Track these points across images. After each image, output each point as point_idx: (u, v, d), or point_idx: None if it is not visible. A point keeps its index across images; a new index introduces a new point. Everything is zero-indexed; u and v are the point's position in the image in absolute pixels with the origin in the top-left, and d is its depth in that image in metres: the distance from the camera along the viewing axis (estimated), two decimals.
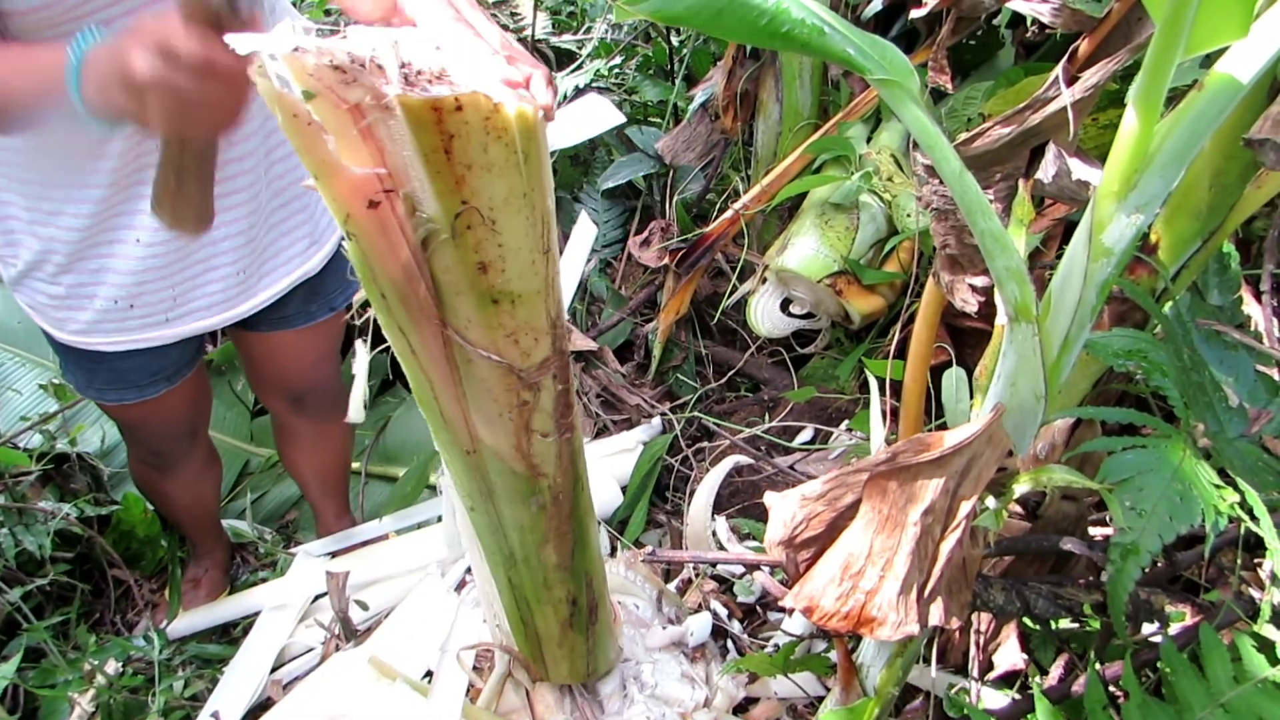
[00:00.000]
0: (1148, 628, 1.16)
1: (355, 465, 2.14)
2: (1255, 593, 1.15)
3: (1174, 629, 1.08)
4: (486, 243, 0.71)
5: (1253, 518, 0.81)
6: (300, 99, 0.63)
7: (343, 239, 0.73)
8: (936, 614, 0.87)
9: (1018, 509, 1.23)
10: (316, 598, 1.82)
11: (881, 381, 1.90)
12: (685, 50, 2.69)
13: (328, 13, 2.98)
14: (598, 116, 1.93)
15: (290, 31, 0.63)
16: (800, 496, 0.93)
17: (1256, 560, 1.24)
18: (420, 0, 0.84)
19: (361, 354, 0.92)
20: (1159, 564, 1.18)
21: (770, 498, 0.95)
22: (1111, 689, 1.10)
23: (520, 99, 0.69)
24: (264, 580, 1.93)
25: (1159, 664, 0.98)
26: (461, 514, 1.06)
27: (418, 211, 0.69)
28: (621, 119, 1.82)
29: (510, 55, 0.79)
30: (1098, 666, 1.05)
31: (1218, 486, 0.81)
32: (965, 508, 0.86)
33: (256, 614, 1.80)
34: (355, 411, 1.11)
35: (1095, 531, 1.35)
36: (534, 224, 0.75)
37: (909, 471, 0.85)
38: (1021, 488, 0.94)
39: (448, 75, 0.66)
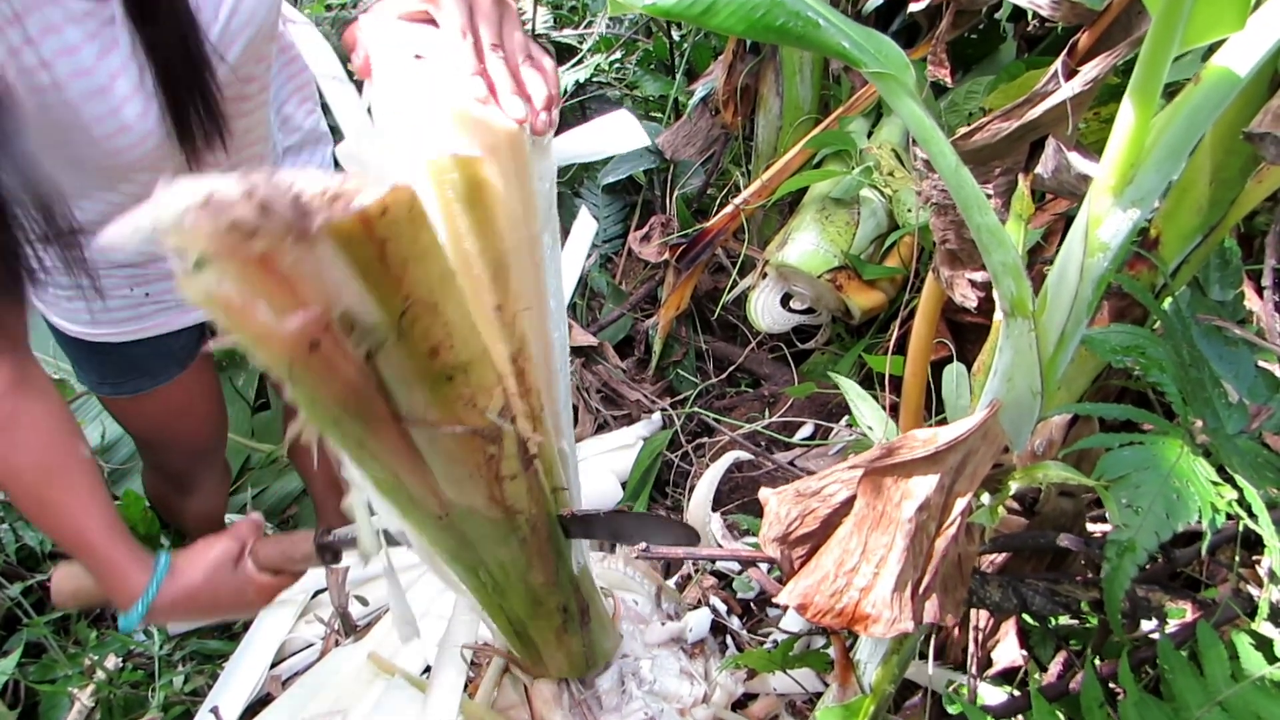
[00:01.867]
0: (1146, 625, 1.15)
1: None
2: (1254, 590, 1.15)
3: (1172, 626, 1.08)
4: (433, 327, 0.68)
5: (1251, 515, 0.80)
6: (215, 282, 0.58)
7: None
8: (931, 611, 0.86)
9: (1014, 505, 1.22)
10: (316, 593, 1.82)
11: (881, 377, 1.90)
12: (686, 45, 2.68)
13: (328, 7, 2.98)
14: (620, 135, 1.94)
15: (176, 195, 0.56)
16: (795, 493, 0.92)
17: (1255, 557, 1.23)
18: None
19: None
20: (1157, 561, 1.17)
21: (765, 494, 0.95)
22: (1111, 686, 1.10)
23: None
24: None
25: (1157, 661, 0.97)
26: (438, 565, 1.06)
27: (356, 326, 0.65)
28: (646, 140, 1.82)
29: (481, 70, 0.80)
30: (1095, 664, 1.05)
31: (1215, 484, 0.80)
32: (960, 504, 0.85)
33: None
34: (366, 545, 1.11)
35: (1093, 528, 1.34)
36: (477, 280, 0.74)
37: (903, 468, 0.85)
38: (1018, 484, 0.93)
39: (345, 193, 0.60)
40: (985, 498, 0.90)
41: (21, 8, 0.92)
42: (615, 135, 2.07)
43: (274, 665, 1.69)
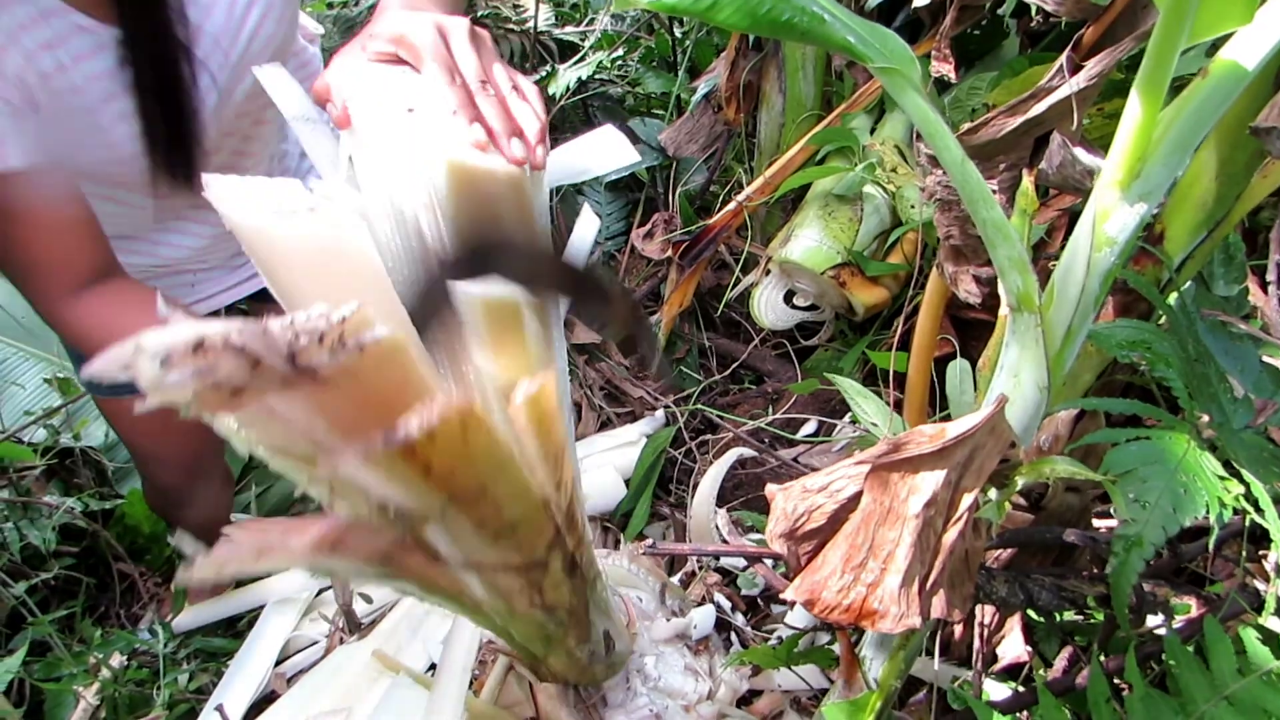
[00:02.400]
0: (1152, 619, 1.15)
1: None
2: (1261, 584, 1.14)
3: (1178, 621, 1.07)
4: (480, 506, 0.65)
5: (1258, 510, 0.80)
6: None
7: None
8: (939, 606, 0.86)
9: (1020, 501, 1.22)
10: (321, 591, 1.82)
11: (885, 374, 1.90)
12: (688, 42, 2.68)
13: (330, 5, 2.98)
14: (610, 153, 1.92)
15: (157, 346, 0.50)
16: (802, 489, 0.92)
17: (1261, 552, 1.23)
18: (418, 35, 0.82)
19: None
20: (1163, 556, 1.17)
21: (772, 489, 0.95)
22: (1116, 681, 1.10)
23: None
24: (269, 574, 1.93)
25: (1163, 656, 0.97)
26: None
27: (393, 513, 0.62)
28: (636, 158, 1.82)
29: (476, 114, 0.77)
30: (1101, 659, 1.05)
31: (1222, 478, 0.80)
32: (967, 500, 0.85)
33: (262, 607, 1.80)
34: None
35: (1099, 524, 1.34)
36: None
37: (911, 463, 0.85)
38: (1024, 480, 0.93)
39: (365, 330, 0.55)
40: (992, 493, 0.90)
41: (38, 13, 0.92)
42: (603, 153, 2.06)
43: (279, 663, 1.69)
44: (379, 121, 0.81)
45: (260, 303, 1.56)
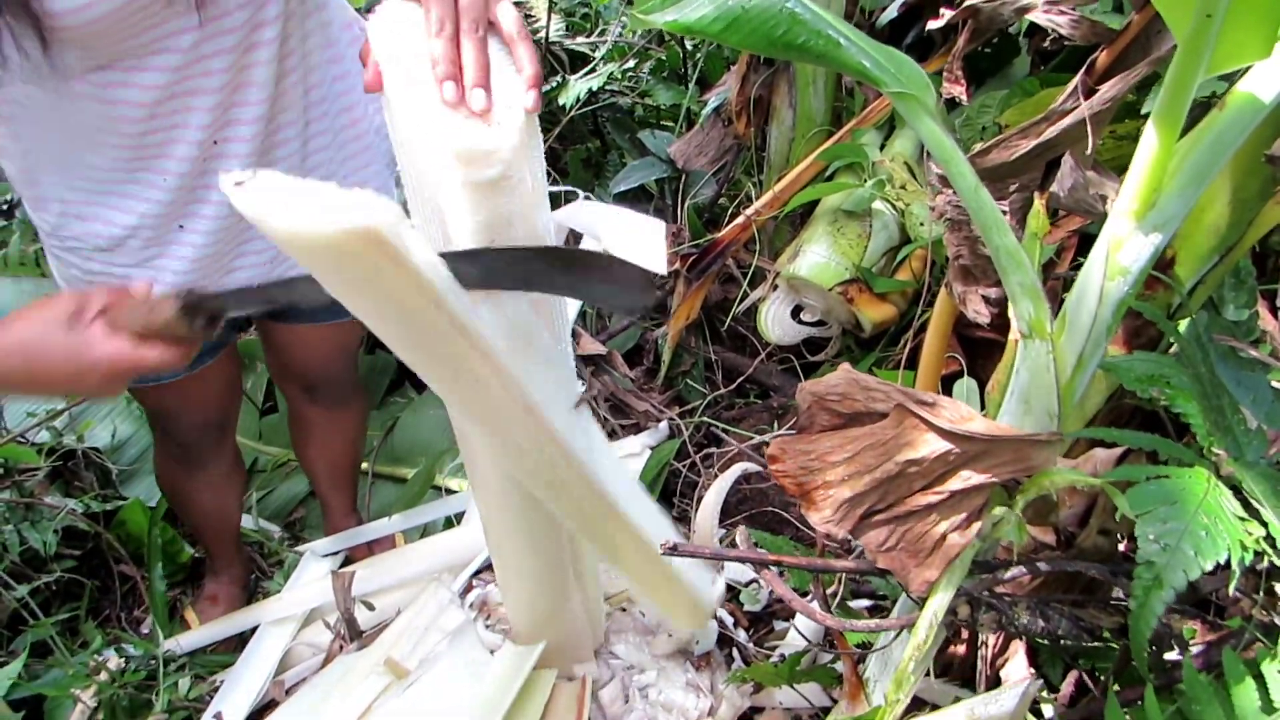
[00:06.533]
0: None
1: (364, 465, 2.13)
2: (1277, 618, 1.13)
3: (1194, 650, 1.06)
4: None
5: (1276, 550, 0.79)
6: None
7: None
8: (875, 540, 0.92)
9: (1049, 541, 1.20)
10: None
11: None
12: (699, 54, 2.68)
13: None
14: (638, 244, 1.94)
15: None
16: (853, 379, 0.96)
17: (1272, 582, 1.22)
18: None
19: None
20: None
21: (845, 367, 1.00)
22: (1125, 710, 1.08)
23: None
24: (278, 591, 1.88)
25: (1180, 686, 0.95)
26: None
27: None
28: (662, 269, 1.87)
29: (452, 71, 0.79)
30: (1116, 690, 1.03)
31: (1242, 519, 0.79)
32: (955, 484, 0.88)
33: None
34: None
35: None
36: None
37: (924, 425, 0.87)
38: (1028, 496, 0.92)
39: None
40: (1000, 510, 0.89)
41: None
42: (631, 239, 2.06)
43: (279, 672, 1.68)
44: (393, 90, 0.82)
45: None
